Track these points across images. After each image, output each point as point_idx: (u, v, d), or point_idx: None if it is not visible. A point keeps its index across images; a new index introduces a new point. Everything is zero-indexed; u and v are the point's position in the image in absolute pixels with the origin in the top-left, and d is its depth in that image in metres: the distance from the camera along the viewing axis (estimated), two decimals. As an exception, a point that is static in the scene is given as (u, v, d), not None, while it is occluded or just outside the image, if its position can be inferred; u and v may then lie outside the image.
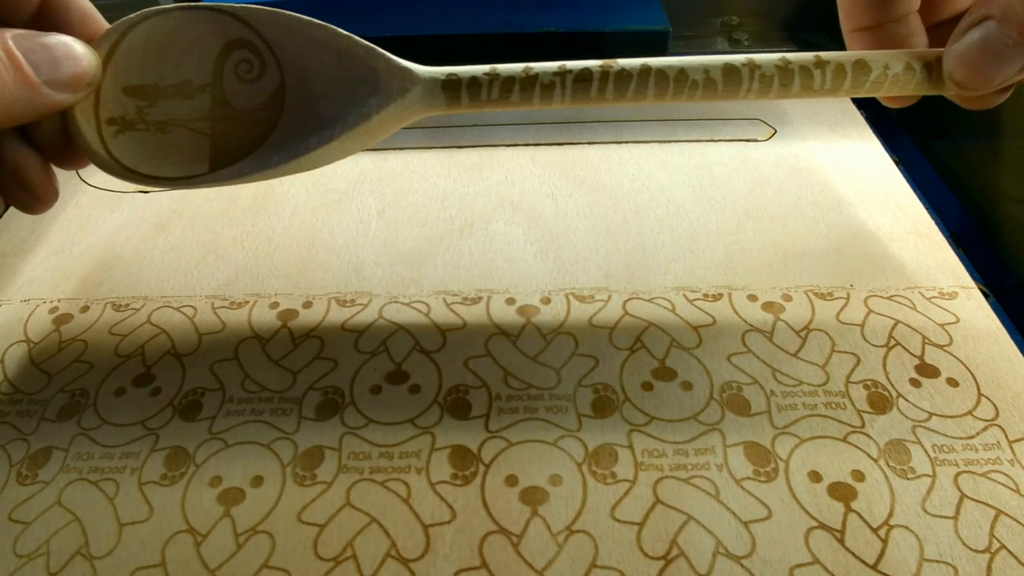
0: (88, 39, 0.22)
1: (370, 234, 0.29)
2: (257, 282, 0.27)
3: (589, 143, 0.34)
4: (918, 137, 0.37)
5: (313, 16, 0.24)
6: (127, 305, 0.26)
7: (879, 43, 0.23)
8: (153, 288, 0.27)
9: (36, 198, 0.23)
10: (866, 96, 0.22)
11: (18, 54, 0.20)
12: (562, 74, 0.22)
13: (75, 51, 0.21)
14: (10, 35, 0.20)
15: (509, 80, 0.22)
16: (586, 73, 0.22)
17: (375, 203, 0.31)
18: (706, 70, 0.21)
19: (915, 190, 0.31)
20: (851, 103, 0.37)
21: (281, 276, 0.27)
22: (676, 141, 0.34)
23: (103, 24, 0.23)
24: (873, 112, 0.37)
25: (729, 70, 0.21)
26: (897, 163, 0.33)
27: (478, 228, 0.29)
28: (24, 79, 0.20)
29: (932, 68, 0.21)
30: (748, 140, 0.34)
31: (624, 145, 0.34)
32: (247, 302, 0.26)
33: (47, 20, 0.22)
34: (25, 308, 0.27)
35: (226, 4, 0.23)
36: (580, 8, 0.41)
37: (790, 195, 0.30)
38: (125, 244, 0.29)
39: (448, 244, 0.29)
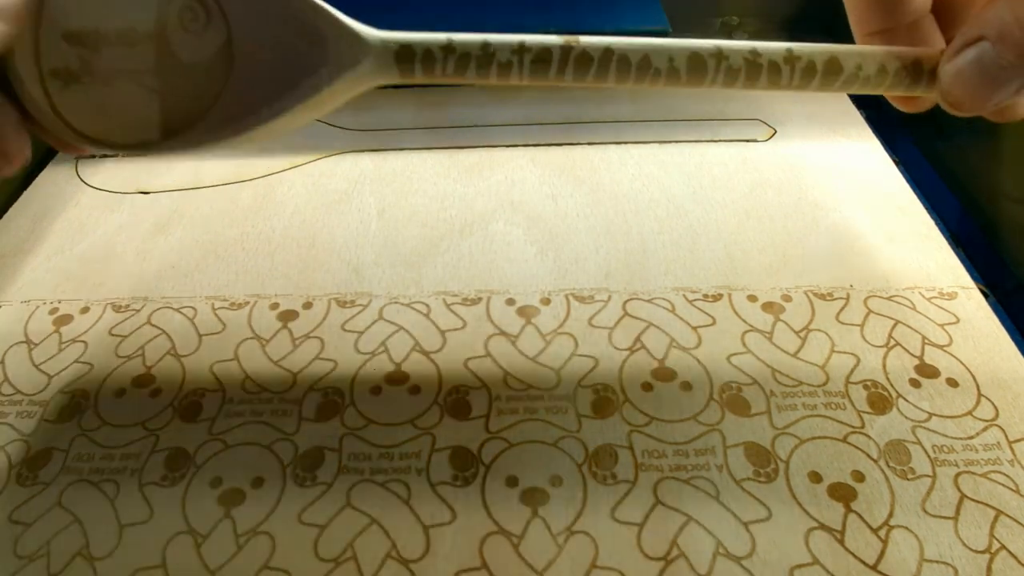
0: None
1: (370, 234, 0.29)
2: (257, 283, 0.27)
3: (589, 144, 0.34)
4: (918, 137, 0.37)
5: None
6: (127, 306, 0.26)
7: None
8: (153, 289, 0.27)
9: (4, 156, 0.22)
10: (838, 92, 0.22)
11: None
12: (520, 52, 0.21)
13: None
14: None
15: (465, 56, 0.21)
16: (545, 54, 0.21)
17: (375, 203, 0.31)
18: (671, 58, 0.21)
19: (915, 190, 0.31)
20: (851, 103, 0.37)
21: (281, 277, 0.27)
22: (676, 141, 0.34)
23: None
24: (873, 112, 0.37)
25: (695, 59, 0.21)
26: (897, 163, 0.33)
27: (478, 228, 0.29)
28: None
29: (912, 69, 0.21)
30: (748, 140, 0.34)
31: (624, 145, 0.34)
32: (247, 303, 0.26)
33: None
34: (25, 309, 0.27)
35: None
36: (579, 8, 0.41)
37: (790, 195, 0.30)
38: (125, 244, 0.29)
39: (448, 244, 0.29)
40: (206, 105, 0.23)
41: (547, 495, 0.20)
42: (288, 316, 0.26)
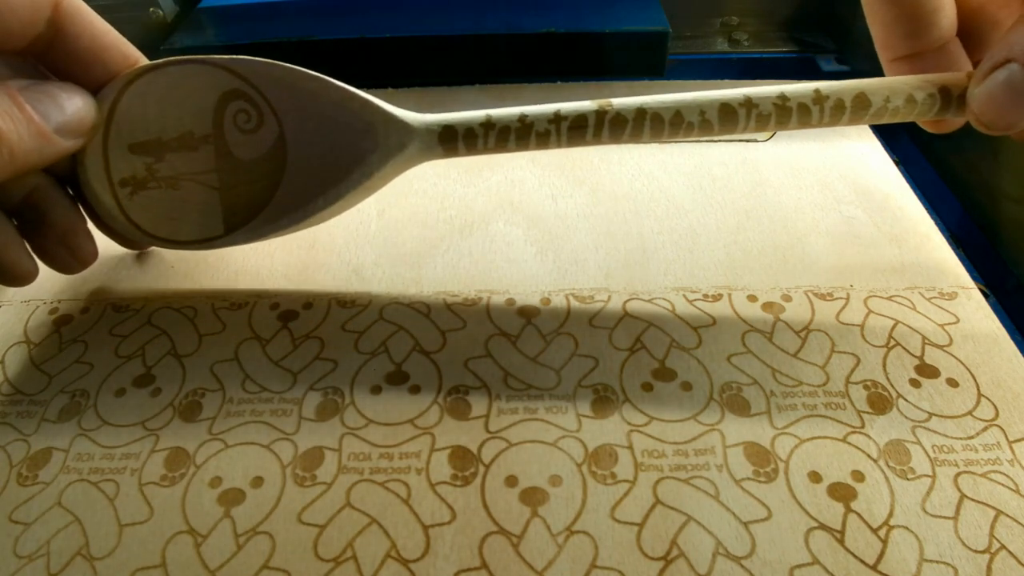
0: (100, 57, 0.23)
1: (370, 235, 0.29)
2: (257, 283, 0.27)
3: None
4: (918, 137, 0.37)
5: (313, 16, 0.24)
6: (127, 306, 0.27)
7: (917, 71, 0.22)
8: (153, 289, 0.27)
9: (80, 260, 0.25)
10: (867, 124, 0.22)
11: (28, 106, 0.20)
12: (556, 121, 0.22)
13: (76, 97, 0.22)
14: (16, 87, 0.20)
15: (505, 129, 0.22)
16: (581, 120, 0.22)
17: (375, 204, 0.31)
18: (702, 111, 0.22)
19: (915, 190, 0.31)
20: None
21: (281, 277, 0.27)
22: (676, 142, 0.34)
23: (126, 48, 0.24)
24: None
25: (725, 110, 0.22)
26: (897, 163, 0.33)
27: (478, 229, 0.29)
28: (37, 130, 0.21)
29: (941, 95, 0.21)
30: (748, 140, 0.34)
31: (624, 145, 0.34)
32: (247, 303, 0.26)
33: (57, 43, 0.23)
34: (25, 309, 0.27)
35: (216, 57, 0.24)
36: (580, 8, 0.41)
37: (790, 195, 0.30)
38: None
39: (448, 245, 0.29)
40: (265, 197, 0.24)
41: (547, 495, 0.20)
42: (288, 316, 0.26)
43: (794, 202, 0.30)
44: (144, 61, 0.24)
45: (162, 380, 0.24)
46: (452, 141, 0.23)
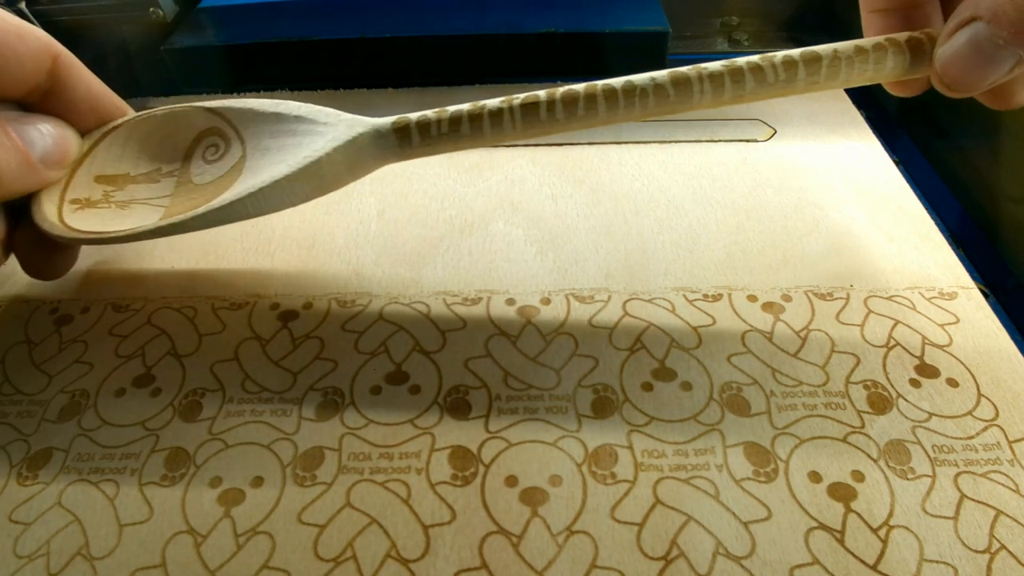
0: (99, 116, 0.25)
1: (370, 235, 0.29)
2: (257, 283, 0.27)
3: (589, 144, 0.34)
4: (918, 137, 0.37)
5: (313, 16, 0.24)
6: (127, 306, 0.26)
7: (895, 27, 0.22)
8: (153, 289, 0.27)
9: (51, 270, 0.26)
10: (828, 88, 0.22)
11: (15, 135, 0.22)
12: (508, 102, 0.22)
13: (64, 132, 0.24)
14: (4, 118, 0.22)
15: (456, 116, 0.22)
16: (532, 98, 0.22)
17: (375, 204, 0.31)
18: (652, 78, 0.22)
19: (915, 190, 0.31)
20: (851, 103, 0.37)
21: (281, 277, 0.27)
22: (676, 142, 0.34)
23: (115, 102, 0.25)
24: (873, 112, 0.37)
25: (677, 76, 0.21)
26: (897, 163, 0.33)
27: (478, 229, 0.29)
28: (26, 160, 0.22)
29: (908, 50, 0.21)
30: (748, 140, 0.34)
31: (624, 145, 0.34)
32: (247, 303, 0.26)
33: (57, 94, 0.24)
34: (25, 309, 0.27)
35: (207, 102, 0.24)
36: (580, 9, 0.41)
37: (790, 195, 0.30)
38: (125, 244, 0.29)
39: (448, 244, 0.29)
40: (211, 200, 0.24)
41: (547, 495, 0.20)
42: (288, 316, 0.26)
43: (794, 202, 0.30)
44: (131, 112, 0.26)
45: (162, 380, 0.24)
46: (405, 129, 0.22)
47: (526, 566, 0.18)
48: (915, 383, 0.23)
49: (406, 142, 0.23)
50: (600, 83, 0.22)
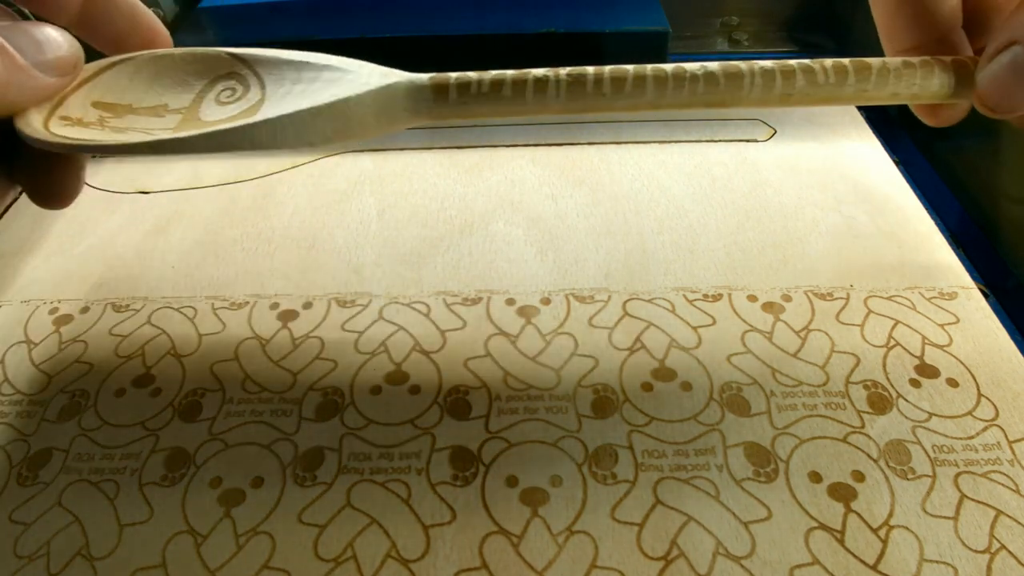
0: (139, 35, 0.23)
1: (370, 234, 0.29)
2: (257, 283, 0.27)
3: (589, 143, 0.34)
4: (918, 137, 0.37)
5: (313, 16, 0.24)
6: (127, 306, 0.26)
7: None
8: (153, 289, 0.27)
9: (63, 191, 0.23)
10: (871, 103, 0.22)
11: (2, 40, 0.19)
12: (555, 72, 0.21)
13: (54, 35, 0.21)
14: None
15: (499, 79, 0.21)
16: (580, 73, 0.21)
17: (375, 203, 0.31)
18: (704, 66, 0.21)
19: (915, 190, 0.31)
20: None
21: (281, 277, 0.27)
22: (676, 142, 0.34)
23: (151, 18, 0.23)
24: (873, 112, 0.37)
25: (729, 69, 0.21)
26: (897, 163, 0.33)
27: (478, 228, 0.29)
28: (12, 62, 0.20)
29: (945, 73, 0.21)
30: (748, 140, 0.34)
31: (624, 145, 0.34)
32: (247, 303, 0.26)
33: (94, 8, 0.22)
34: (25, 309, 0.27)
35: (234, 49, 0.23)
36: (580, 9, 0.41)
37: (790, 195, 0.30)
38: (125, 245, 0.29)
39: (448, 244, 0.29)
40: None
41: (547, 495, 0.20)
42: (288, 316, 0.26)
43: (794, 202, 0.30)
44: (170, 43, 0.24)
45: (162, 380, 0.24)
46: (443, 85, 0.21)
47: (526, 566, 0.18)
48: (915, 383, 0.23)
49: (442, 99, 0.21)
50: (650, 65, 0.21)
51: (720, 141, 0.34)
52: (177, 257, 0.29)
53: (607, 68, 0.21)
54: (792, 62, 0.21)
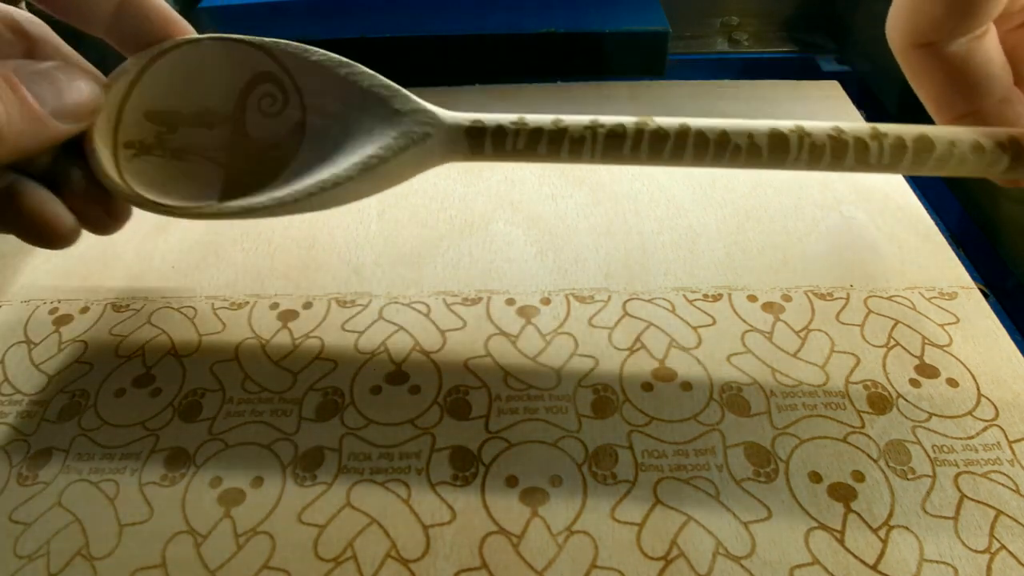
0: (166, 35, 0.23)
1: (370, 235, 0.29)
2: (257, 283, 0.27)
3: (589, 143, 0.34)
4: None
5: (313, 16, 0.24)
6: (127, 306, 0.26)
7: (937, 58, 0.21)
8: (153, 289, 0.27)
9: (114, 216, 0.23)
10: (930, 175, 0.21)
11: (22, 87, 0.20)
12: (593, 128, 0.20)
13: (76, 80, 0.21)
14: (11, 67, 0.20)
15: (537, 131, 0.21)
16: (618, 129, 0.20)
17: (375, 203, 0.31)
18: (750, 135, 0.20)
19: (915, 190, 0.31)
20: (851, 103, 0.37)
21: (281, 277, 0.27)
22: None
23: (183, 27, 0.23)
24: (873, 112, 0.37)
25: (776, 135, 0.20)
26: (897, 163, 0.32)
27: (478, 229, 0.29)
28: (30, 111, 0.20)
29: (1010, 147, 0.19)
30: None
31: (624, 145, 0.34)
32: (247, 303, 0.26)
33: (127, 18, 0.22)
34: (25, 309, 0.27)
35: (256, 38, 0.23)
36: (580, 9, 0.41)
37: (790, 195, 0.30)
38: (125, 244, 0.29)
39: (448, 244, 0.29)
40: (269, 179, 0.23)
41: (547, 495, 0.20)
42: (288, 316, 0.26)
43: (794, 202, 0.30)
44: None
45: (162, 380, 0.24)
46: (479, 137, 0.21)
47: (526, 566, 0.18)
48: (915, 383, 0.23)
49: (477, 148, 0.21)
50: (693, 126, 0.20)
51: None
52: (177, 257, 0.29)
53: (649, 127, 0.21)
54: (847, 134, 0.20)
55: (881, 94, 0.40)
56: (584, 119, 0.21)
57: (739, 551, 0.19)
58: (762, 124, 0.20)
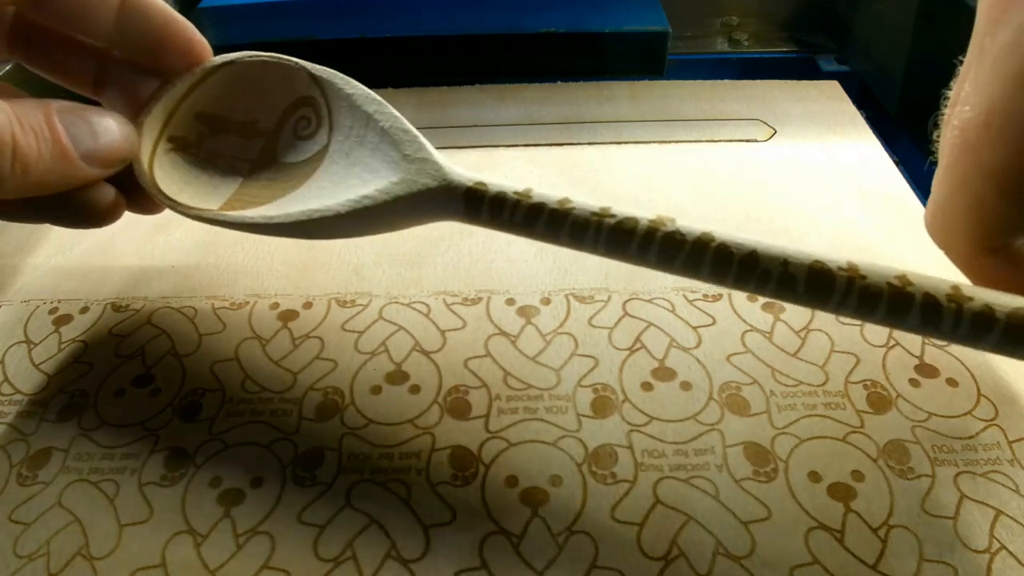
0: (175, 46, 0.23)
1: (370, 234, 0.29)
2: (257, 283, 0.27)
3: (589, 143, 0.34)
4: (918, 137, 0.37)
5: (313, 16, 0.24)
6: (127, 306, 0.27)
7: (1012, 262, 0.18)
8: (153, 288, 0.27)
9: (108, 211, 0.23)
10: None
11: (59, 127, 0.20)
12: (601, 216, 0.18)
13: (114, 127, 0.22)
14: (55, 107, 0.20)
15: (538, 206, 0.19)
16: (629, 223, 0.18)
17: (375, 203, 0.31)
18: (785, 261, 0.17)
19: (915, 190, 0.31)
20: (851, 103, 0.37)
21: (281, 277, 0.27)
22: (676, 141, 0.34)
23: (185, 26, 0.23)
24: (873, 112, 0.37)
25: (817, 268, 0.17)
26: (897, 163, 0.33)
27: (478, 228, 0.29)
28: (61, 152, 0.20)
29: None
30: (748, 140, 0.34)
31: (624, 145, 0.34)
32: (247, 303, 0.26)
33: (128, 21, 0.22)
34: (25, 309, 0.27)
35: (306, 63, 0.24)
36: (580, 8, 0.41)
37: (790, 195, 0.30)
38: (125, 244, 0.29)
39: (448, 244, 0.29)
40: (274, 197, 0.23)
41: (547, 495, 0.20)
42: (288, 316, 0.26)
43: (794, 202, 0.30)
44: (208, 49, 0.24)
45: (162, 380, 0.24)
46: (478, 199, 0.20)
47: (526, 566, 0.18)
48: (915, 383, 0.23)
49: (472, 212, 0.20)
50: (718, 238, 0.17)
51: (720, 141, 0.34)
52: (177, 257, 0.29)
53: (661, 230, 0.18)
54: (915, 287, 0.17)
55: (881, 94, 0.40)
56: (594, 204, 0.19)
57: (739, 551, 0.19)
58: (804, 252, 0.17)
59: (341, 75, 0.23)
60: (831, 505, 0.19)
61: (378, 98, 0.23)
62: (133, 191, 0.23)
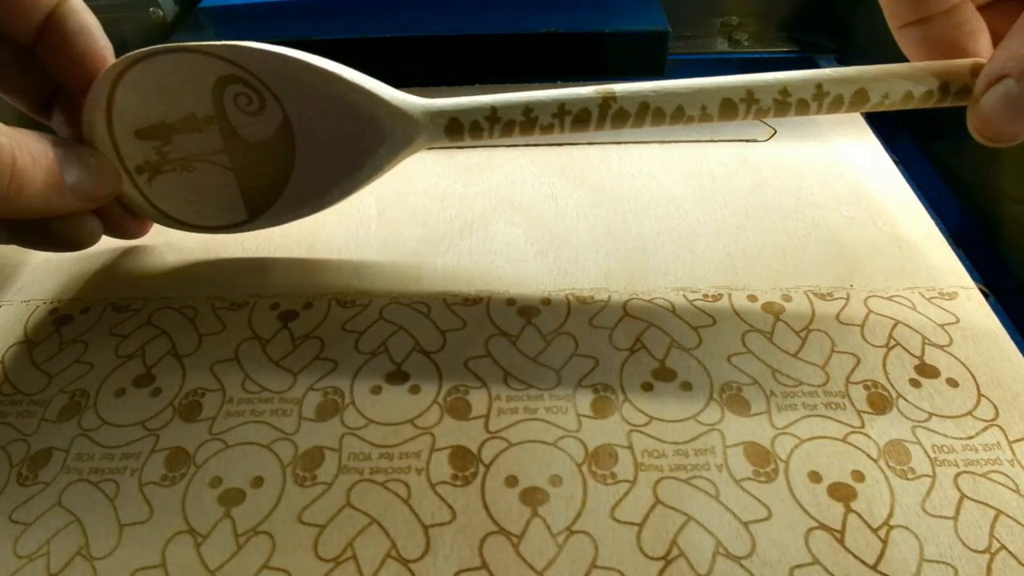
0: (87, 53, 0.24)
1: (370, 234, 0.29)
2: (257, 282, 0.27)
3: (589, 144, 0.34)
4: (918, 137, 0.37)
5: (313, 16, 0.24)
6: (127, 306, 0.26)
7: (928, 38, 0.22)
8: (153, 289, 0.27)
9: (143, 221, 0.27)
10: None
11: (55, 157, 0.22)
12: (560, 115, 0.23)
13: (105, 166, 0.24)
14: (52, 140, 0.22)
15: (509, 123, 0.23)
16: (584, 114, 0.23)
17: (375, 203, 0.31)
18: (703, 106, 0.23)
19: (915, 190, 0.31)
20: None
21: (281, 276, 0.27)
22: (676, 141, 0.34)
23: (101, 40, 0.24)
24: (873, 113, 0.37)
25: (726, 104, 0.23)
26: (897, 163, 0.33)
27: (478, 229, 0.29)
28: (55, 183, 0.22)
29: (940, 91, 0.22)
30: (748, 140, 0.34)
31: (624, 145, 0.34)
32: (247, 303, 0.26)
33: (52, 31, 0.23)
34: (25, 309, 0.27)
35: (207, 44, 0.23)
36: (580, 9, 0.41)
37: (790, 195, 0.30)
38: (125, 244, 0.29)
39: (448, 244, 0.29)
40: (281, 181, 0.25)
41: (547, 495, 0.20)
42: (288, 316, 0.26)
43: (794, 202, 0.30)
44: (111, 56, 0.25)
45: (162, 380, 0.24)
46: (458, 132, 0.23)
47: (526, 566, 0.18)
48: (915, 383, 0.23)
49: (456, 140, 0.24)
50: (652, 104, 0.23)
51: (720, 141, 0.34)
52: (177, 257, 0.29)
53: (611, 109, 0.23)
54: (792, 97, 0.23)
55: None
56: (552, 104, 0.23)
57: (739, 551, 0.19)
58: (714, 92, 0.23)
59: (253, 46, 0.23)
60: (831, 505, 0.19)
61: (314, 63, 0.23)
62: (108, 217, 0.25)
